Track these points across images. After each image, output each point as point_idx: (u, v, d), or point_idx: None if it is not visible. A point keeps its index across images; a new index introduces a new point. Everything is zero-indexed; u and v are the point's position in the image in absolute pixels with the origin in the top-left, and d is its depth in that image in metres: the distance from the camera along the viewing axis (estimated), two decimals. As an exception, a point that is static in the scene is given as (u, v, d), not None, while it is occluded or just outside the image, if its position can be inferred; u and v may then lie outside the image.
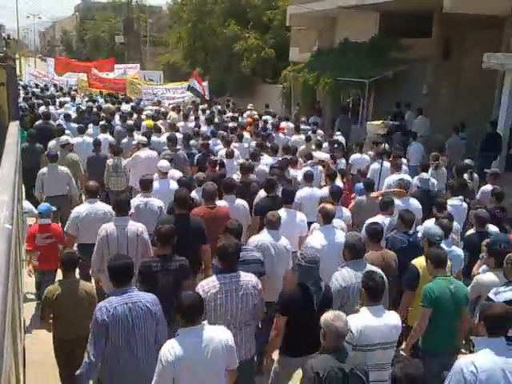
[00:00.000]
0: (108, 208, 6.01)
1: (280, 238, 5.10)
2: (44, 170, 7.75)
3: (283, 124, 13.58)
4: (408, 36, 15.05)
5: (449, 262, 4.77)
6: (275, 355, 4.39)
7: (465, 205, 6.93)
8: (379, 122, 13.63)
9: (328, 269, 4.44)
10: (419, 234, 5.48)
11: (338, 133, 13.08)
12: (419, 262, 4.76)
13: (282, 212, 5.65)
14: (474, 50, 12.98)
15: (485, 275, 4.83)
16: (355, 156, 10.19)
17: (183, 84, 18.43)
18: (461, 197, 6.93)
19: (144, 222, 5.46)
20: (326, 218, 5.26)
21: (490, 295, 4.35)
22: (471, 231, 6.03)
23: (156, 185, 6.76)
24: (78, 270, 4.86)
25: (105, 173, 8.74)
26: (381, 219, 5.69)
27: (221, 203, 6.05)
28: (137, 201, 6.10)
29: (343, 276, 4.29)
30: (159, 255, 4.63)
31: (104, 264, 4.74)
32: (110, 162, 8.73)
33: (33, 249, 5.88)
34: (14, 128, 6.24)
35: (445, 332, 4.30)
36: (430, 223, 5.62)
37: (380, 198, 6.45)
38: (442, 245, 4.97)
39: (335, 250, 4.82)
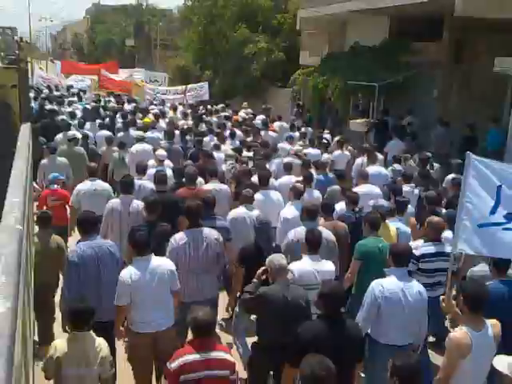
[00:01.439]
0: (106, 186, 7.28)
1: (253, 211, 6.10)
2: (45, 160, 8.69)
3: (277, 123, 14.44)
4: (419, 40, 14.99)
5: (394, 230, 5.76)
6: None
7: (416, 191, 7.64)
8: (362, 120, 15.41)
9: None
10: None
11: (327, 131, 14.39)
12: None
13: (259, 194, 6.66)
14: (485, 54, 12.91)
15: (417, 241, 5.61)
16: (336, 153, 10.87)
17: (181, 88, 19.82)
18: (412, 184, 7.75)
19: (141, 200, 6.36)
20: (296, 194, 6.35)
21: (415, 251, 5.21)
22: None
23: (153, 171, 7.58)
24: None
25: (110, 165, 9.55)
26: (343, 205, 6.53)
27: (209, 186, 7.10)
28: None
29: (296, 232, 5.28)
30: (147, 221, 5.58)
31: (110, 231, 5.97)
32: (115, 155, 9.67)
33: (47, 209, 6.93)
34: (25, 130, 6.29)
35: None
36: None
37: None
38: (391, 222, 5.92)
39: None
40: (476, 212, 4.18)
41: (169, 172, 7.59)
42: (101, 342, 3.82)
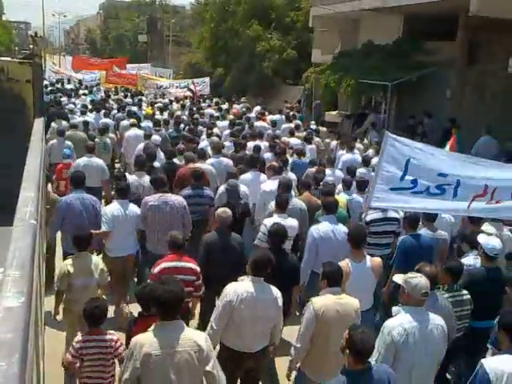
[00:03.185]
0: (100, 161, 8.30)
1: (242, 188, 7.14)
2: (54, 141, 9.54)
3: (277, 116, 15.69)
4: (432, 39, 14.88)
5: (343, 201, 6.83)
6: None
7: (372, 173, 8.38)
8: (335, 113, 17.93)
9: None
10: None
11: (313, 122, 15.86)
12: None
13: (249, 174, 7.70)
14: (500, 55, 12.79)
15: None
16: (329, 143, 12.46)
17: (183, 82, 21.35)
18: (370, 168, 8.80)
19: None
20: (274, 172, 7.40)
21: (363, 216, 6.12)
22: None
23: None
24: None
25: (96, 149, 10.19)
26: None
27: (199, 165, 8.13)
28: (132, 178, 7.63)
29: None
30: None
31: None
32: (97, 140, 10.48)
33: (60, 179, 8.14)
34: (39, 125, 6.33)
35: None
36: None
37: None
38: (344, 194, 7.21)
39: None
40: (389, 178, 5.28)
41: (161, 154, 9.08)
42: (97, 259, 5.17)
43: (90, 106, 15.09)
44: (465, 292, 4.58)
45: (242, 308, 3.96)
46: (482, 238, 5.12)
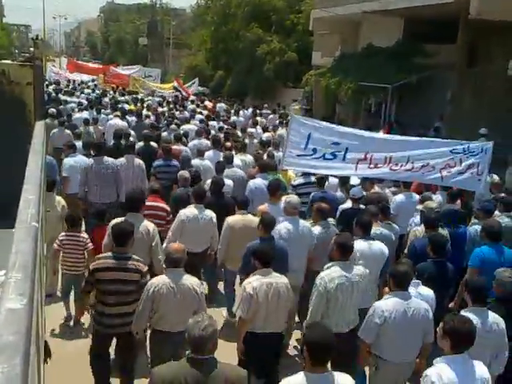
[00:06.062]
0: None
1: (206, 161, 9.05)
2: (55, 130, 11.18)
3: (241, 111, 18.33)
4: (432, 42, 14.92)
5: (292, 174, 8.33)
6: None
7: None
8: (297, 107, 19.86)
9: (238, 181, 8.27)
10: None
11: (276, 116, 18.19)
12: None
13: (211, 152, 9.51)
14: (499, 57, 12.83)
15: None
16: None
17: (170, 86, 23.36)
18: None
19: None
20: (236, 150, 9.78)
21: (292, 183, 7.90)
22: None
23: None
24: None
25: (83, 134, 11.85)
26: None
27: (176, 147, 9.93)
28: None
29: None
30: None
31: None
32: (91, 128, 12.33)
33: None
34: (40, 128, 6.31)
35: None
36: None
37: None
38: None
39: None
40: (296, 147, 6.71)
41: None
42: (60, 198, 6.70)
43: (85, 103, 16.99)
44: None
45: (188, 224, 6.04)
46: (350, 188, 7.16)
